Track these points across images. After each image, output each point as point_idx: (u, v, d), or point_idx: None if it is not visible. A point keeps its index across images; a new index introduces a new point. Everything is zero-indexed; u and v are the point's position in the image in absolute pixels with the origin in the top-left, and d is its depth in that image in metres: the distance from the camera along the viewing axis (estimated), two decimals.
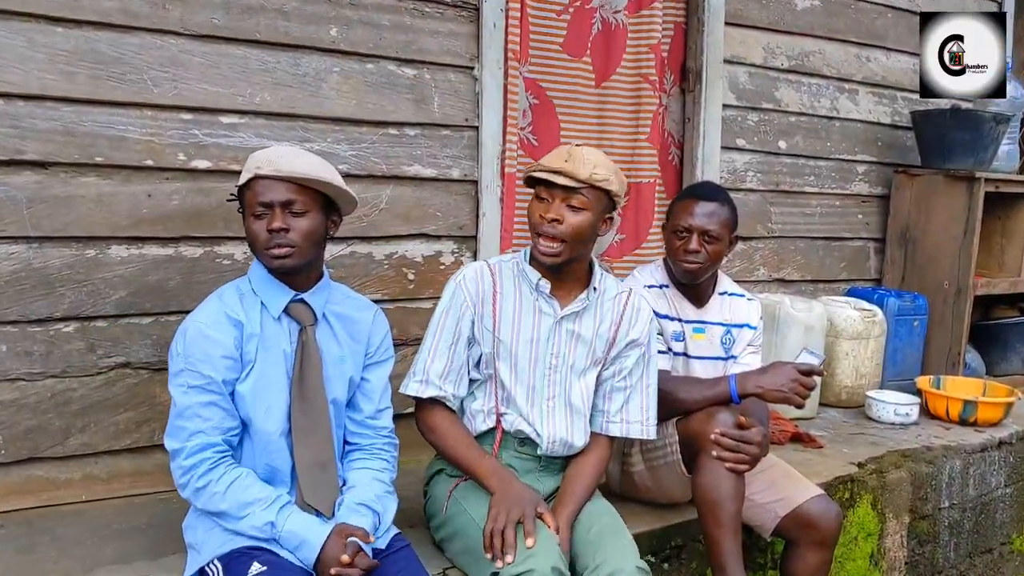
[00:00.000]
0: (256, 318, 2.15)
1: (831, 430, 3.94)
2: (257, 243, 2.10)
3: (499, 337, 2.38)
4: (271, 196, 2.06)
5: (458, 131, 3.30)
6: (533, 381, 2.40)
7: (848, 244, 4.73)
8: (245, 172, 2.09)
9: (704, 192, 2.79)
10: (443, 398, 2.39)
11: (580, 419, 2.45)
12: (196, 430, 2.07)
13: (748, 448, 2.50)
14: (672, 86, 4.06)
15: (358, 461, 2.31)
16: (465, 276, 2.41)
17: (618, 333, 2.47)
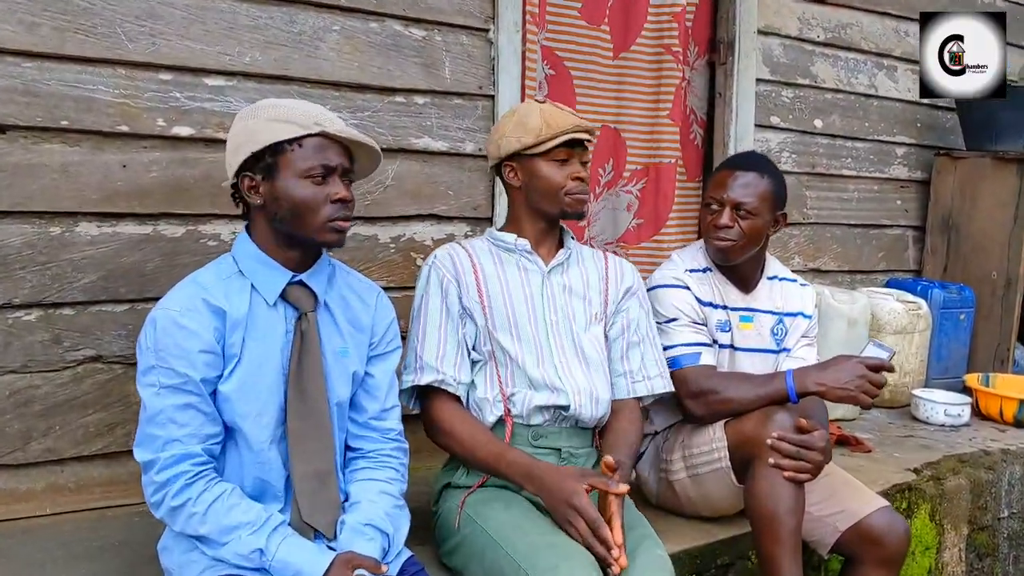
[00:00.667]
0: (243, 304, 1.84)
1: (877, 432, 3.67)
2: (316, 214, 1.80)
3: (490, 306, 2.19)
4: (336, 159, 1.81)
5: (471, 100, 3.00)
6: (538, 339, 2.20)
7: (886, 232, 4.46)
8: (288, 125, 1.78)
9: (743, 161, 2.51)
10: (443, 383, 2.14)
11: (599, 369, 2.26)
12: (170, 438, 1.74)
13: (810, 455, 2.21)
14: (697, 59, 3.76)
15: (362, 471, 1.99)
16: (436, 256, 2.25)
17: (609, 285, 2.33)
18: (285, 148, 1.78)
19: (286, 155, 1.78)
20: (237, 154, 1.81)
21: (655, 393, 2.32)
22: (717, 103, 3.77)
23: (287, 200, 1.79)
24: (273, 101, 1.85)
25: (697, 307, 2.49)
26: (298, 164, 1.78)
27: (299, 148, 1.78)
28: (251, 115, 1.83)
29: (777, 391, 2.34)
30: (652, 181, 3.68)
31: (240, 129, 1.82)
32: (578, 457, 2.20)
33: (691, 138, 3.81)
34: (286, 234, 1.84)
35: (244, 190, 1.82)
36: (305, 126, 1.79)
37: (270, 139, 1.78)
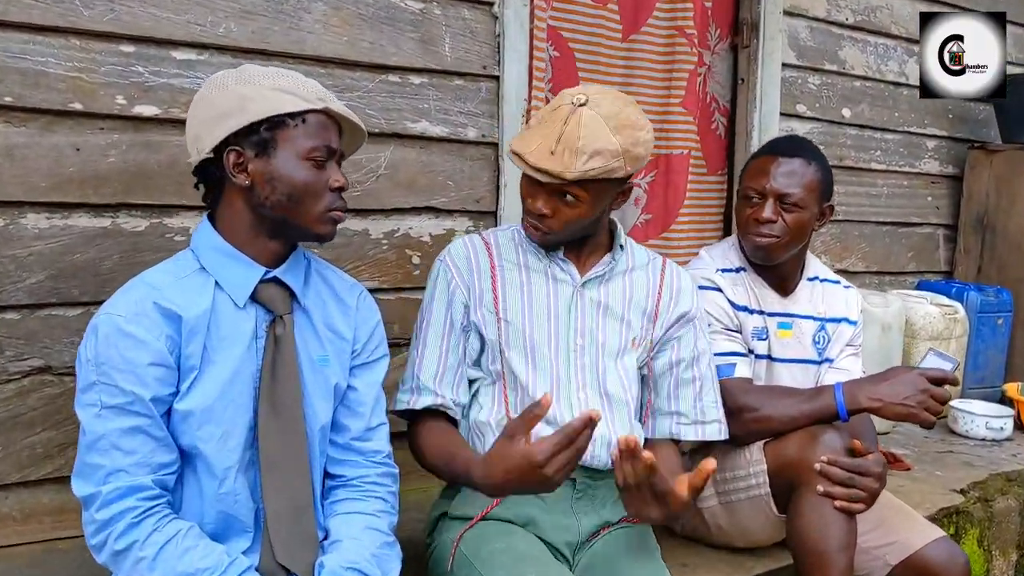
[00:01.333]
0: (204, 306, 1.55)
1: (914, 447, 3.41)
2: (316, 201, 1.58)
3: (505, 318, 1.87)
4: (336, 142, 1.61)
5: (474, 81, 2.70)
6: (556, 369, 1.88)
7: (916, 231, 4.20)
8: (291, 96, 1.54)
9: (786, 146, 2.23)
10: (442, 407, 1.85)
11: (623, 410, 1.91)
12: (115, 468, 1.46)
13: (865, 481, 1.94)
14: (718, 42, 3.48)
15: (344, 503, 1.70)
16: (451, 251, 1.95)
17: (660, 305, 1.98)
18: (287, 123, 1.54)
19: (287, 131, 1.54)
20: (222, 123, 1.53)
21: (705, 440, 2.01)
22: (740, 90, 3.50)
23: (284, 183, 1.54)
24: (265, 68, 1.60)
25: (731, 312, 2.20)
26: (300, 143, 1.54)
27: (302, 124, 1.55)
28: (243, 80, 1.55)
29: (824, 408, 2.06)
30: (662, 173, 3.41)
31: (228, 96, 1.54)
32: (596, 489, 1.90)
33: (712, 127, 3.53)
34: (274, 222, 1.58)
35: (228, 167, 1.54)
36: (309, 100, 1.55)
37: (272, 110, 1.52)
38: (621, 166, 1.75)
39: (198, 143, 1.56)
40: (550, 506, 1.84)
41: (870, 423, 2.23)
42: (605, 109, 1.74)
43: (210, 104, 1.55)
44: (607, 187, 1.80)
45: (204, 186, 1.63)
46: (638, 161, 1.79)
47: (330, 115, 1.59)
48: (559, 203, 1.79)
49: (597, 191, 1.78)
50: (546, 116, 1.79)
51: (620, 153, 1.74)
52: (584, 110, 1.73)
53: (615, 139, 1.73)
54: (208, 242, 1.59)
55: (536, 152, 1.74)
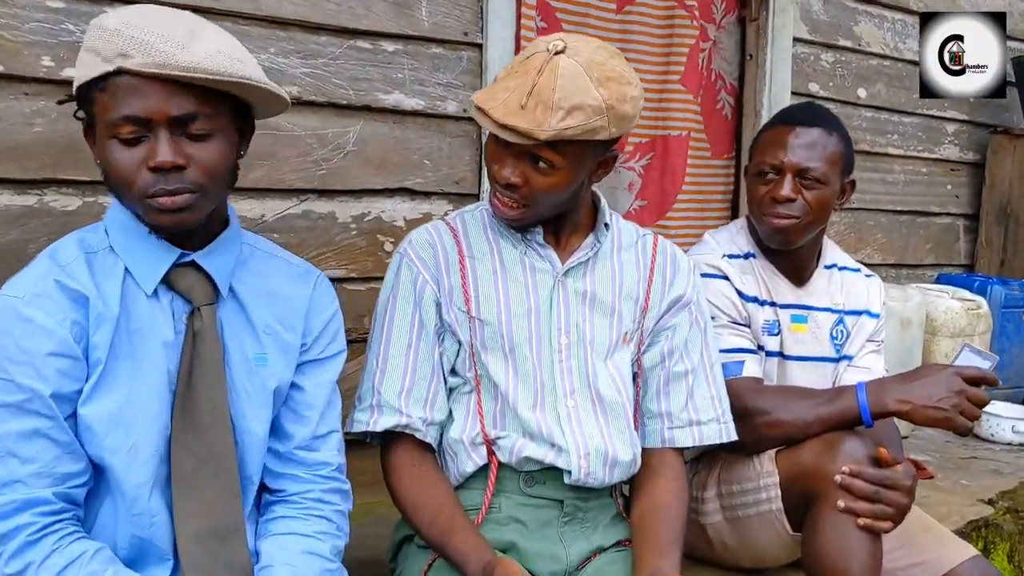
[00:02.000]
0: (114, 292, 1.32)
1: (935, 453, 3.21)
2: (129, 187, 1.27)
3: (479, 317, 1.61)
4: (151, 107, 1.24)
5: (455, 49, 2.48)
6: (540, 373, 1.61)
7: (935, 221, 4.04)
8: (94, 57, 1.24)
9: (803, 115, 2.00)
10: (408, 428, 1.58)
11: (620, 416, 1.64)
12: (10, 479, 1.25)
13: (893, 495, 1.71)
14: (724, 15, 3.25)
15: (279, 522, 1.46)
16: (412, 241, 1.67)
17: (651, 289, 1.71)
18: (91, 94, 1.26)
19: (97, 103, 1.27)
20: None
21: (704, 444, 1.74)
22: (748, 66, 3.29)
23: (104, 165, 1.30)
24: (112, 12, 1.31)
25: (739, 303, 1.96)
26: (104, 117, 1.26)
27: (101, 94, 1.25)
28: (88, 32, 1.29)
29: (846, 411, 1.82)
30: (659, 156, 3.21)
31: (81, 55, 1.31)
32: (587, 511, 1.65)
33: (718, 107, 3.32)
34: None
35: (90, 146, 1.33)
36: (108, 59, 1.23)
37: (78, 79, 1.27)
38: (604, 126, 1.47)
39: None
40: (534, 532, 1.60)
41: (895, 428, 2.00)
42: (586, 58, 1.47)
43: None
44: (587, 152, 1.53)
45: None
46: (624, 121, 1.51)
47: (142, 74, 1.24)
48: (530, 170, 1.51)
49: (575, 156, 1.51)
50: (516, 66, 1.52)
51: (604, 110, 1.46)
52: (562, 58, 1.46)
53: (598, 92, 1.45)
54: (116, 218, 1.36)
55: (503, 106, 1.47)
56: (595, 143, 1.52)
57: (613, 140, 1.56)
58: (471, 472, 1.60)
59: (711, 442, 1.73)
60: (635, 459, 1.66)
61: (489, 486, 1.59)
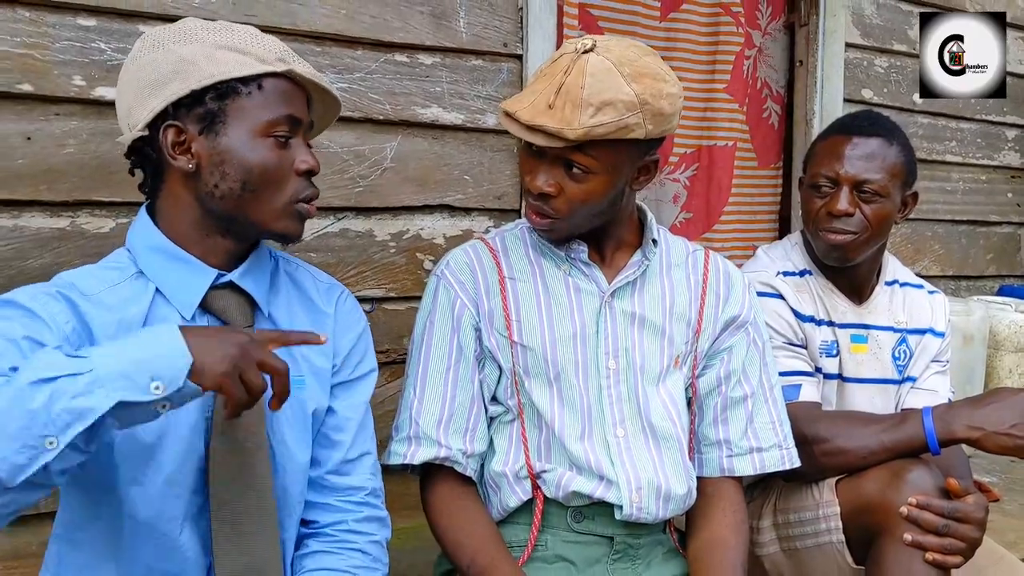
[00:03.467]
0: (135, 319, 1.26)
1: (1000, 474, 3.06)
2: (279, 190, 1.29)
3: (521, 342, 1.53)
4: (303, 113, 1.33)
5: (494, 61, 2.39)
6: (587, 401, 1.53)
7: (996, 230, 3.85)
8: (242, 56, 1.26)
9: (862, 124, 1.90)
10: (447, 460, 1.50)
11: (673, 448, 1.56)
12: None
13: (963, 529, 1.60)
14: (770, 21, 3.14)
15: (313, 557, 1.40)
16: (450, 263, 1.59)
17: (704, 309, 1.63)
18: (239, 90, 1.24)
19: (239, 100, 1.25)
20: (158, 92, 1.24)
21: (765, 472, 1.64)
22: (797, 73, 3.16)
23: (237, 166, 1.25)
24: (211, 22, 1.29)
25: (795, 323, 1.85)
26: (257, 115, 1.25)
27: (257, 92, 1.25)
28: (183, 36, 1.26)
29: (911, 438, 1.71)
30: (704, 167, 3.11)
31: (166, 57, 1.25)
32: (638, 548, 1.56)
33: (764, 116, 3.19)
34: (225, 216, 1.29)
35: (166, 147, 1.25)
36: (267, 60, 1.25)
37: (219, 74, 1.23)
38: (639, 123, 1.38)
39: (130, 117, 1.28)
40: (582, 571, 1.52)
41: (963, 456, 1.88)
42: (617, 55, 1.39)
43: (143, 68, 1.26)
44: (623, 155, 1.44)
45: (141, 171, 1.34)
46: (662, 119, 1.41)
47: (294, 80, 1.29)
48: (564, 177, 1.43)
49: (611, 159, 1.42)
50: (545, 69, 1.45)
51: (637, 105, 1.37)
52: (591, 56, 1.39)
53: (630, 88, 1.37)
54: (146, 240, 1.30)
55: (530, 108, 1.39)
56: (632, 145, 1.43)
57: (654, 143, 1.47)
58: (515, 507, 1.52)
59: (773, 470, 1.64)
60: (690, 492, 1.57)
61: (535, 522, 1.51)
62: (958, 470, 1.77)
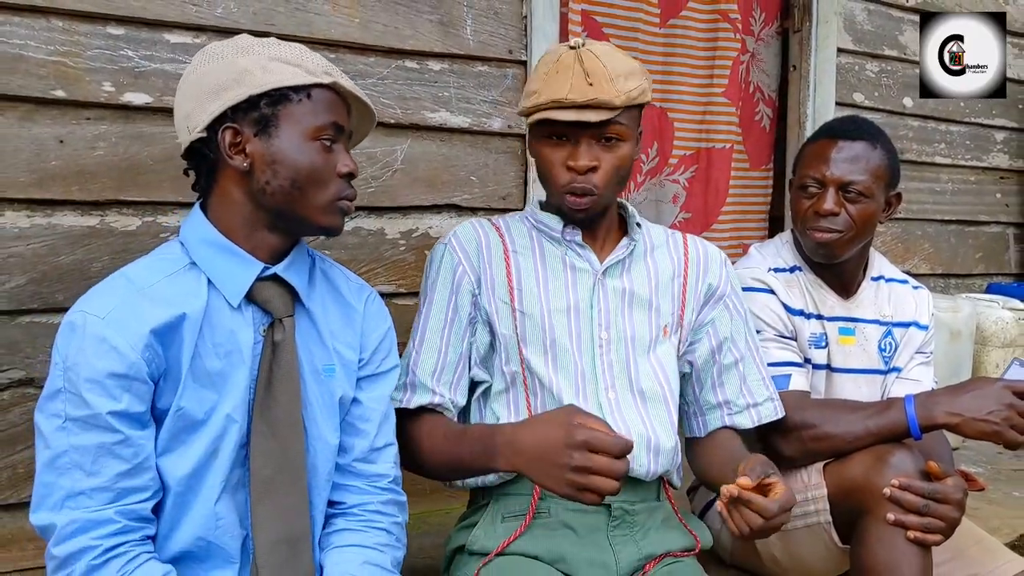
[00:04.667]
0: (197, 307, 1.36)
1: (986, 464, 3.15)
2: (324, 188, 1.41)
3: (522, 310, 1.67)
4: (343, 119, 1.45)
5: (499, 67, 2.50)
6: (580, 367, 1.66)
7: (984, 230, 3.94)
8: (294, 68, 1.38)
9: (847, 128, 1.99)
10: (439, 407, 1.66)
11: (660, 407, 1.71)
12: (74, 491, 1.27)
13: (942, 509, 1.69)
14: (763, 27, 3.24)
15: (341, 534, 1.50)
16: (457, 234, 1.74)
17: (687, 281, 1.79)
18: (290, 97, 1.36)
19: (290, 107, 1.37)
20: (217, 97, 1.35)
21: (761, 423, 1.81)
22: (791, 78, 3.26)
23: (288, 165, 1.36)
24: (263, 39, 1.42)
25: (785, 316, 1.96)
26: (306, 120, 1.37)
27: (307, 100, 1.37)
28: (240, 49, 1.38)
29: (894, 424, 1.81)
30: (703, 169, 3.21)
31: (224, 67, 1.36)
32: (635, 515, 1.67)
33: (756, 119, 3.30)
34: (274, 211, 1.40)
35: (224, 147, 1.36)
36: (315, 73, 1.38)
37: (273, 82, 1.35)
38: (648, 87, 1.65)
39: (189, 121, 1.38)
40: (583, 539, 1.62)
41: (945, 441, 1.98)
42: (601, 44, 1.65)
43: (203, 77, 1.37)
44: (637, 118, 1.68)
45: (195, 172, 1.44)
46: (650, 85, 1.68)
47: (338, 92, 1.42)
48: (600, 150, 1.63)
49: (634, 123, 1.66)
50: (550, 71, 1.62)
51: (641, 72, 1.64)
52: (589, 45, 1.62)
53: (631, 61, 1.64)
54: (199, 234, 1.41)
55: (574, 91, 1.57)
56: (638, 111, 1.66)
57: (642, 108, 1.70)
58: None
59: (767, 420, 1.81)
60: (676, 447, 1.72)
61: (536, 491, 1.62)
62: (939, 455, 1.86)
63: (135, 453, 1.29)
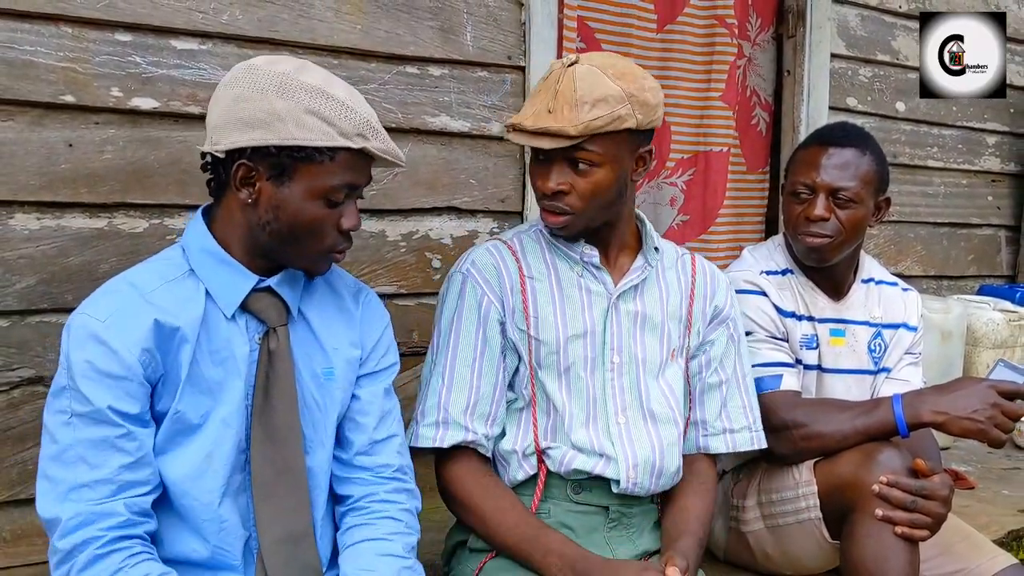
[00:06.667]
0: (196, 315, 1.40)
1: (977, 464, 3.19)
2: (319, 241, 1.43)
3: (537, 336, 1.67)
4: (364, 179, 1.46)
5: (498, 72, 2.54)
6: (592, 391, 1.68)
7: (976, 232, 3.99)
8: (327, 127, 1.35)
9: (837, 135, 2.03)
10: (474, 444, 1.64)
11: (670, 429, 1.73)
12: (77, 483, 1.30)
13: (929, 505, 1.74)
14: (759, 32, 3.28)
15: (352, 531, 1.53)
16: (475, 262, 1.71)
17: (693, 307, 1.80)
18: (314, 157, 1.36)
19: (311, 165, 1.36)
20: (244, 131, 1.35)
21: (737, 451, 1.82)
22: (785, 82, 3.30)
23: (289, 215, 1.38)
24: (315, 77, 1.38)
25: (776, 318, 2.00)
26: (321, 180, 1.37)
27: (329, 161, 1.36)
28: (283, 90, 1.35)
29: (882, 422, 1.85)
30: (700, 172, 3.24)
31: (261, 104, 1.35)
32: (631, 517, 1.72)
33: (752, 123, 3.34)
34: (266, 245, 1.42)
35: (234, 179, 1.38)
36: (348, 136, 1.36)
37: (301, 139, 1.34)
38: (630, 113, 1.56)
39: (214, 134, 1.38)
40: (582, 538, 1.66)
41: (933, 440, 2.02)
42: (599, 62, 1.60)
43: (238, 102, 1.36)
44: (622, 145, 1.61)
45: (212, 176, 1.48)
46: (649, 109, 1.60)
47: (378, 154, 1.41)
48: (573, 175, 1.60)
49: (611, 150, 1.59)
50: (539, 86, 1.63)
51: (624, 98, 1.56)
52: (576, 66, 1.58)
53: (616, 85, 1.56)
54: (199, 243, 1.44)
55: (532, 116, 1.58)
56: (628, 135, 1.60)
57: (647, 134, 1.64)
58: (521, 480, 1.67)
59: (743, 449, 1.81)
60: (679, 470, 1.74)
61: (537, 492, 1.66)
62: (926, 452, 1.90)
63: (138, 447, 1.33)
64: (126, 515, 1.31)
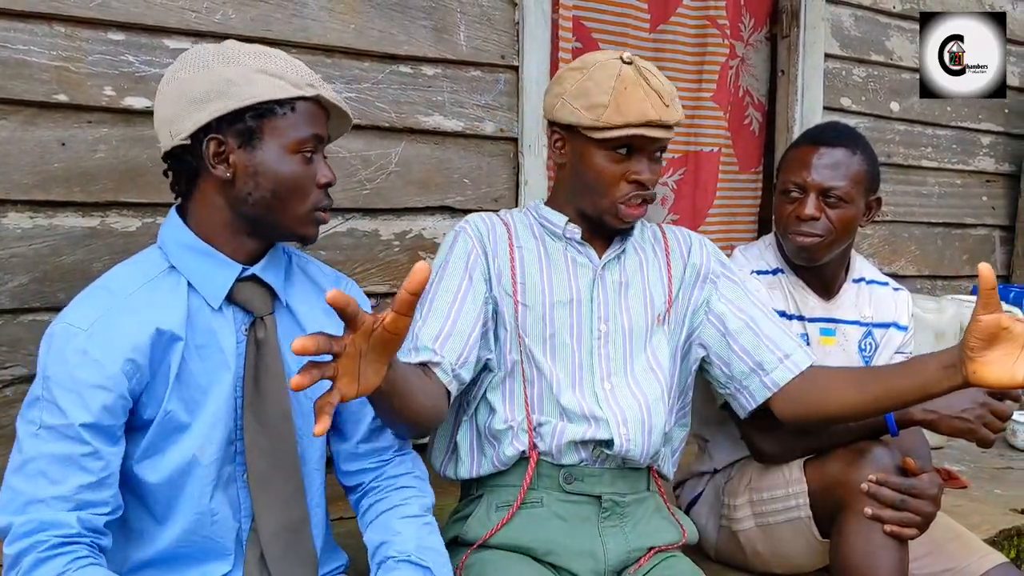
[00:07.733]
0: (179, 313, 1.40)
1: (970, 463, 3.17)
2: (303, 199, 1.43)
3: (524, 302, 1.70)
4: (324, 129, 1.47)
5: (492, 72, 2.55)
6: (579, 358, 1.72)
7: (971, 232, 4.00)
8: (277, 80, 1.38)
9: (828, 134, 2.03)
10: (439, 367, 1.61)
11: (655, 390, 1.74)
12: (34, 498, 1.28)
13: (918, 504, 1.74)
14: (752, 32, 3.30)
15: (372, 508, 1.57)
16: (471, 222, 1.76)
17: (672, 267, 1.83)
18: (276, 111, 1.38)
19: (275, 120, 1.38)
20: (203, 107, 1.36)
21: (800, 370, 1.78)
22: (779, 82, 3.32)
23: (270, 177, 1.39)
24: (247, 46, 1.42)
25: None
26: (289, 133, 1.39)
27: (291, 113, 1.39)
28: (225, 59, 1.39)
29: (872, 421, 1.85)
30: (691, 172, 3.26)
31: (210, 76, 1.37)
32: (625, 506, 1.73)
33: (745, 123, 3.35)
34: (253, 219, 1.42)
35: (208, 157, 1.38)
36: (299, 86, 1.40)
37: (260, 95, 1.36)
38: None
39: (172, 126, 1.40)
40: (573, 528, 1.67)
41: (923, 439, 2.03)
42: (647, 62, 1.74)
43: (187, 84, 1.38)
44: None
45: (175, 175, 1.48)
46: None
47: (319, 102, 1.43)
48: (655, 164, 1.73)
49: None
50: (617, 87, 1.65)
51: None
52: (640, 62, 1.70)
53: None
54: (178, 238, 1.44)
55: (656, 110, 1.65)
56: None
57: None
58: (511, 456, 1.68)
59: (804, 367, 1.78)
60: (670, 432, 1.79)
61: (526, 480, 1.67)
62: (916, 451, 1.91)
63: (103, 467, 1.31)
64: (77, 528, 1.28)
